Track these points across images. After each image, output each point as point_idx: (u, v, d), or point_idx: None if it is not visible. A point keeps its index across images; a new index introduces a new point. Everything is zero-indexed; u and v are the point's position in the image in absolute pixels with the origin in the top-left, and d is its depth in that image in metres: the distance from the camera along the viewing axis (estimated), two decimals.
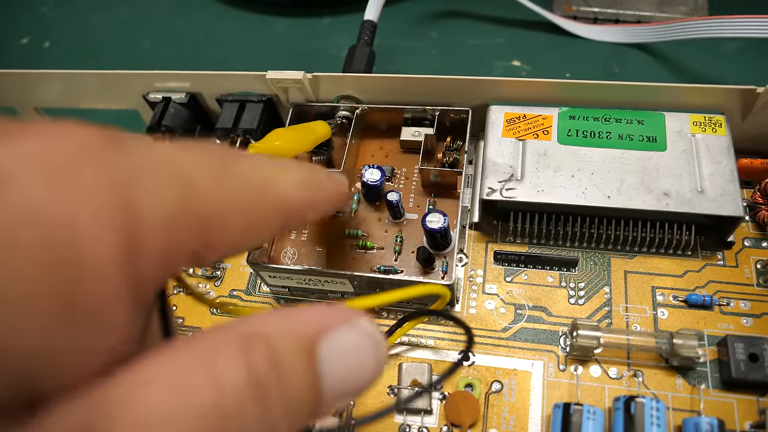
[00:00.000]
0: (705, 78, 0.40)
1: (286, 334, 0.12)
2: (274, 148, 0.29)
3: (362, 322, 0.14)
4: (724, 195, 0.28)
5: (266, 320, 0.13)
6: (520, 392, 0.28)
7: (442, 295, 0.24)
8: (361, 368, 0.14)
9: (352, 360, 0.13)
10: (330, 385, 0.13)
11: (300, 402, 0.12)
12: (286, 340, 0.12)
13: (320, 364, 0.13)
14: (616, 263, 0.30)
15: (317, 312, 0.14)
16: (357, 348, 0.13)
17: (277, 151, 0.29)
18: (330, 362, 0.13)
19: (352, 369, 0.13)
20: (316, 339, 0.13)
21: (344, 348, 0.13)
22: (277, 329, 0.12)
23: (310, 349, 0.13)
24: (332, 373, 0.13)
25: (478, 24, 0.45)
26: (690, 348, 0.26)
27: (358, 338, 0.14)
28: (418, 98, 0.33)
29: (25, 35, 0.53)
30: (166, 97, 0.36)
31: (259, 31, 0.48)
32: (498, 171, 0.30)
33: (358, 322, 0.14)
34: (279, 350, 0.12)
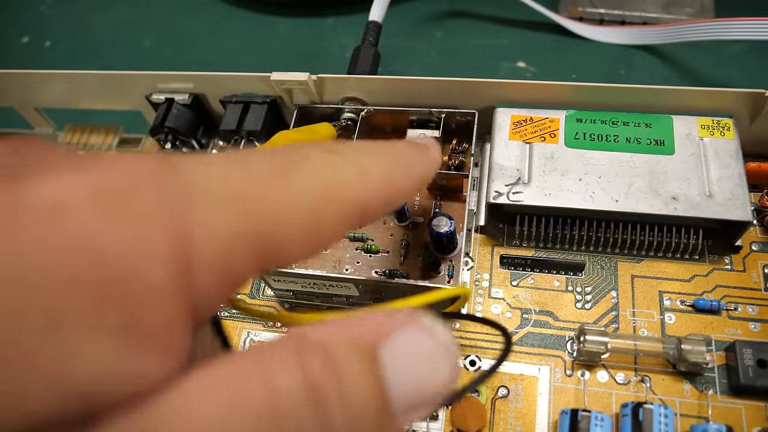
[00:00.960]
0: (711, 80, 0.40)
1: (343, 339, 0.12)
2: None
3: (426, 321, 0.13)
4: (732, 199, 0.28)
5: (321, 328, 0.12)
6: (527, 398, 0.27)
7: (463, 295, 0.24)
8: (433, 372, 0.12)
9: (420, 363, 0.12)
10: (399, 392, 0.12)
11: (365, 409, 0.11)
12: (344, 345, 0.12)
13: (384, 369, 0.12)
14: (623, 267, 0.30)
15: (375, 317, 0.13)
16: (425, 350, 0.12)
17: None
18: (395, 366, 0.12)
19: (422, 373, 0.12)
20: (377, 343, 0.12)
21: (410, 350, 0.12)
22: (334, 335, 0.12)
23: (371, 354, 0.12)
24: (399, 378, 0.12)
25: (483, 24, 0.44)
26: (698, 354, 0.26)
27: (425, 339, 0.12)
28: (423, 100, 0.33)
29: (25, 34, 0.52)
30: (169, 98, 0.36)
31: (263, 31, 0.47)
32: (505, 174, 0.30)
33: (423, 321, 0.13)
34: (336, 355, 0.11)
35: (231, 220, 0.12)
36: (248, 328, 0.31)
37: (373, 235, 0.31)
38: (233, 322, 0.31)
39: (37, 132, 0.42)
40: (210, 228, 0.11)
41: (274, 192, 0.12)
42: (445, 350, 0.12)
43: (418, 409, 0.12)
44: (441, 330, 0.13)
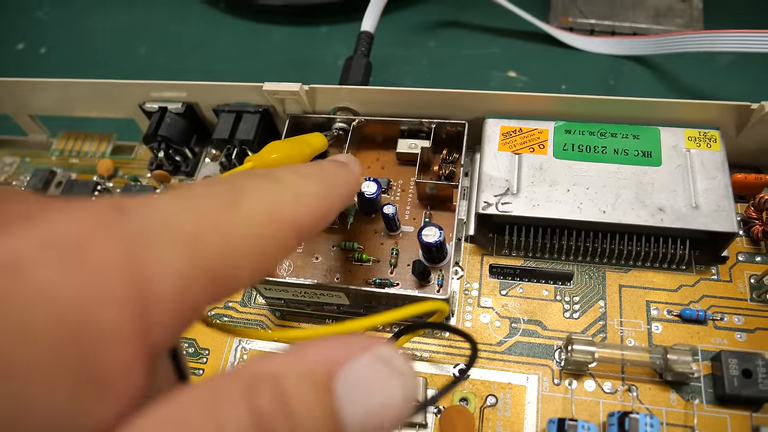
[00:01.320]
0: (699, 91, 0.40)
1: (295, 371, 0.12)
2: (271, 161, 0.29)
3: (382, 350, 0.13)
4: (718, 210, 0.28)
5: (274, 359, 0.12)
6: (515, 406, 0.28)
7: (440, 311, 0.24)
8: (387, 400, 0.12)
9: (375, 392, 0.12)
10: (353, 421, 0.12)
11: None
12: (296, 377, 0.12)
13: (338, 400, 0.12)
14: (611, 277, 0.30)
15: (330, 344, 0.13)
16: (379, 378, 0.12)
17: (274, 164, 0.29)
18: (349, 397, 0.12)
19: (377, 402, 0.12)
20: (332, 373, 0.12)
21: (364, 379, 0.12)
22: (286, 367, 0.12)
23: (325, 385, 0.12)
24: (354, 408, 0.12)
25: (475, 34, 0.45)
26: (684, 364, 0.26)
27: (380, 367, 0.12)
28: (414, 110, 0.33)
29: (20, 41, 0.52)
30: (162, 106, 0.36)
31: (256, 40, 0.48)
32: (494, 185, 0.30)
33: (377, 350, 0.13)
34: (287, 389, 0.11)
35: (184, 257, 0.12)
36: (240, 336, 0.31)
37: (363, 244, 0.31)
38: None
39: (30, 139, 0.43)
40: (165, 266, 0.12)
41: (222, 224, 0.13)
42: (399, 377, 0.12)
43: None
44: (395, 357, 0.13)
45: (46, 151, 0.41)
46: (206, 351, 0.31)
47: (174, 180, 0.37)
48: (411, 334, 0.28)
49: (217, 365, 0.31)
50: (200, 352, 0.31)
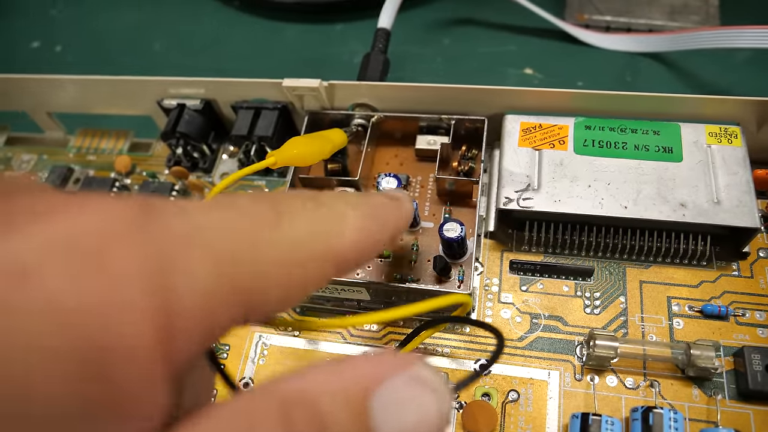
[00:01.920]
0: (716, 87, 0.40)
1: (331, 391, 0.12)
2: (292, 157, 0.29)
3: (417, 369, 0.13)
4: (740, 206, 0.28)
5: (308, 378, 0.12)
6: (537, 401, 0.28)
7: (464, 304, 0.24)
8: (422, 417, 0.12)
9: (409, 411, 0.12)
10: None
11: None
12: (332, 397, 0.11)
13: (373, 419, 0.12)
14: (631, 273, 0.30)
15: (365, 363, 0.12)
16: (414, 398, 0.12)
17: (295, 159, 0.29)
18: (385, 416, 0.12)
19: (411, 420, 0.12)
20: (367, 393, 0.12)
21: (400, 400, 0.12)
22: (321, 387, 0.12)
23: (361, 406, 0.12)
24: (388, 427, 0.12)
25: (490, 32, 0.45)
26: (707, 359, 0.26)
27: (415, 388, 0.12)
28: (433, 107, 0.33)
29: (35, 39, 0.53)
30: (180, 103, 0.36)
31: (271, 37, 0.48)
32: (515, 181, 0.30)
33: (413, 369, 0.13)
34: (324, 411, 0.11)
35: (214, 272, 0.11)
36: (259, 331, 0.31)
37: None
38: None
39: (48, 136, 0.43)
40: (193, 279, 0.11)
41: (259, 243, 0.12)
42: (434, 396, 0.12)
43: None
44: (431, 376, 0.13)
45: (63, 148, 0.42)
46: (226, 346, 0.31)
47: (192, 177, 0.38)
48: (434, 328, 0.28)
49: (238, 361, 0.31)
50: (220, 347, 0.31)
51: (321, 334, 0.31)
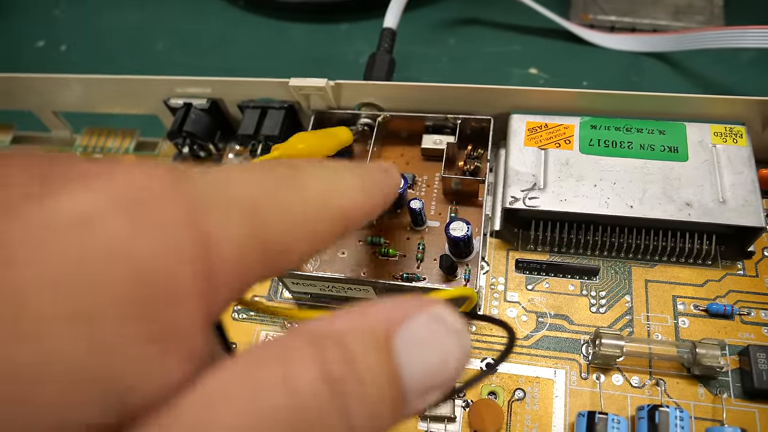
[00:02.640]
0: (721, 87, 0.40)
1: (358, 330, 0.12)
2: (297, 152, 0.29)
3: (437, 309, 0.13)
4: (745, 205, 0.28)
5: (335, 320, 0.12)
6: (543, 400, 0.28)
7: (469, 298, 0.24)
8: (444, 357, 0.13)
9: (432, 350, 0.12)
10: (412, 380, 0.12)
11: (381, 400, 0.12)
12: (359, 336, 0.12)
13: (398, 358, 0.12)
14: (636, 272, 0.31)
15: (388, 305, 0.13)
16: (436, 336, 0.13)
17: (300, 154, 0.29)
18: (408, 355, 0.12)
19: (434, 359, 0.12)
20: (391, 332, 0.12)
21: (422, 338, 0.12)
22: (348, 327, 0.12)
23: (386, 344, 0.12)
24: (412, 366, 0.12)
25: (495, 32, 0.45)
26: (713, 358, 0.27)
27: (436, 326, 0.13)
28: (438, 106, 0.33)
29: (40, 38, 0.53)
30: (187, 102, 0.37)
31: (276, 37, 0.48)
32: (521, 180, 0.30)
33: (434, 309, 0.13)
34: (352, 348, 0.11)
35: (244, 229, 0.12)
36: (266, 329, 0.32)
37: (389, 239, 0.32)
38: (250, 324, 0.32)
39: (54, 135, 0.43)
40: (227, 231, 0.12)
41: (281, 198, 0.13)
42: (455, 335, 0.13)
43: (430, 394, 0.13)
44: (451, 316, 0.13)
45: (69, 147, 0.42)
46: (233, 344, 0.31)
47: None
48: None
49: None
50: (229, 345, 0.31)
51: None
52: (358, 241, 0.32)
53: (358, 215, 0.16)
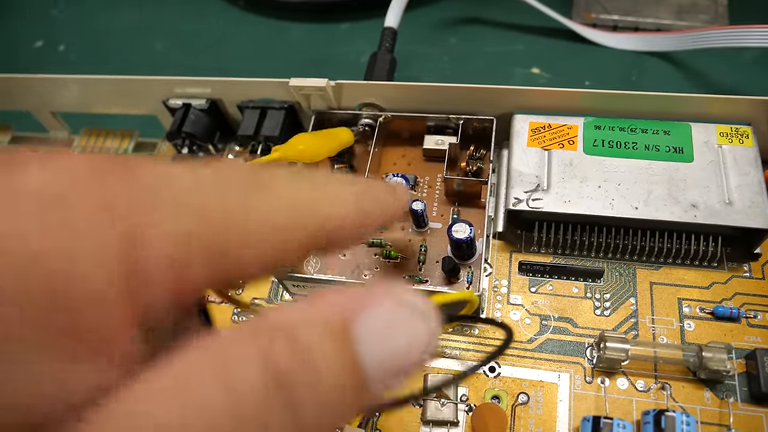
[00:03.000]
0: (724, 87, 0.40)
1: (310, 320, 0.11)
2: (298, 153, 0.29)
3: (401, 293, 0.12)
4: (752, 207, 0.28)
5: (285, 311, 0.12)
6: (547, 404, 0.27)
7: (470, 302, 0.24)
8: (410, 341, 0.12)
9: (396, 334, 0.12)
10: (375, 366, 0.11)
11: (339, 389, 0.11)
12: (312, 326, 0.11)
13: (357, 345, 0.11)
14: (641, 274, 0.30)
15: (346, 294, 0.12)
16: (400, 320, 0.12)
17: (301, 155, 0.29)
18: (372, 342, 0.11)
19: (399, 343, 0.12)
20: (348, 322, 0.11)
21: (387, 322, 0.12)
22: (300, 317, 0.11)
23: (343, 332, 0.11)
24: (375, 352, 0.11)
25: (497, 31, 0.45)
26: (719, 361, 0.26)
27: (402, 309, 0.12)
28: (440, 106, 0.33)
29: (38, 38, 0.52)
30: (186, 103, 0.36)
31: (276, 37, 0.48)
32: (524, 181, 0.30)
33: (397, 293, 0.12)
34: (305, 339, 0.11)
35: (182, 223, 0.11)
36: None
37: (391, 241, 0.31)
38: None
39: (52, 136, 0.42)
40: (162, 229, 0.11)
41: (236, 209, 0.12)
42: (421, 317, 0.12)
43: (396, 377, 0.12)
44: (416, 298, 0.12)
45: (68, 147, 0.41)
46: None
47: None
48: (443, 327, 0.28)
49: None
50: None
51: None
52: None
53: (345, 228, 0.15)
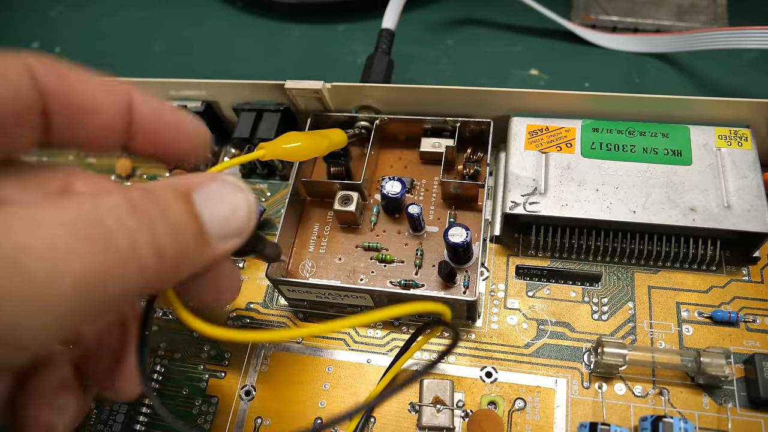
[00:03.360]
0: (724, 89, 0.39)
1: (161, 184, 0.16)
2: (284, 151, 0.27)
3: (225, 176, 0.18)
4: (751, 210, 0.28)
5: (145, 184, 0.16)
6: (544, 410, 0.27)
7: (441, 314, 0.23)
8: (233, 207, 0.17)
9: (225, 199, 0.17)
10: (211, 222, 0.17)
11: (183, 227, 0.16)
12: (165, 189, 0.16)
13: (196, 204, 0.16)
14: (639, 278, 0.30)
15: (192, 175, 0.17)
16: (227, 191, 0.17)
17: (287, 153, 0.28)
18: (205, 203, 0.17)
19: (227, 206, 0.17)
20: (190, 190, 0.17)
21: (215, 194, 0.17)
22: (155, 184, 0.16)
23: (186, 194, 0.16)
24: (209, 211, 0.17)
25: (495, 32, 0.44)
26: (718, 367, 0.26)
27: (226, 186, 0.17)
28: (437, 109, 0.33)
29: (35, 40, 0.52)
30: (181, 105, 0.36)
31: (274, 38, 0.47)
32: (521, 184, 0.30)
33: (223, 177, 0.18)
34: (156, 191, 0.16)
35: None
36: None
37: (387, 245, 0.31)
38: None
39: None
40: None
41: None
42: (241, 192, 0.18)
43: (229, 238, 0.17)
44: (238, 181, 0.18)
45: None
46: (228, 353, 0.31)
47: None
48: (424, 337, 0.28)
49: (240, 366, 0.30)
50: (222, 355, 0.31)
51: (322, 340, 0.30)
52: (355, 247, 0.31)
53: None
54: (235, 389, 0.30)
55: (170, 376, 0.31)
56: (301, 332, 0.18)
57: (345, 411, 0.17)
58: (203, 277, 0.19)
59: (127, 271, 0.14)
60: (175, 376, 0.31)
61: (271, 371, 0.30)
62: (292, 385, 0.29)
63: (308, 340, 0.31)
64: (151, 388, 0.18)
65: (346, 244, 0.31)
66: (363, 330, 0.30)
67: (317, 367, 0.30)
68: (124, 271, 0.14)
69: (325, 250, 0.31)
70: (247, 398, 0.29)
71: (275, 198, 0.36)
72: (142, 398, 0.29)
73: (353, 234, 0.32)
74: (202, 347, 0.31)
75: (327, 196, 0.33)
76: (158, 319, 0.32)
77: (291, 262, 0.31)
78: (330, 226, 0.32)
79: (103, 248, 0.14)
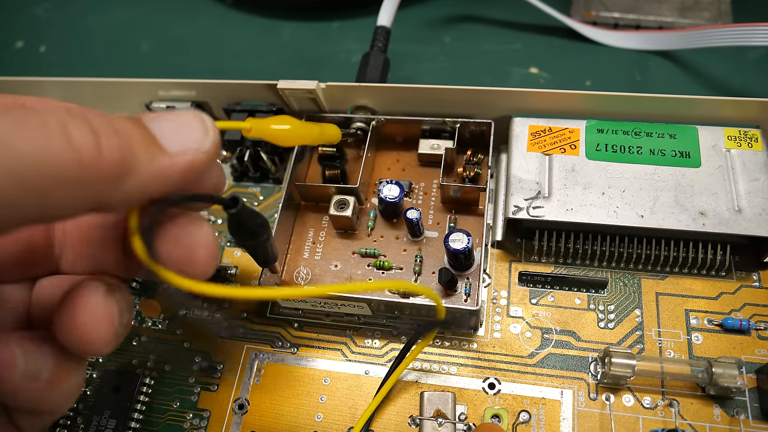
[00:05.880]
0: (729, 87, 0.39)
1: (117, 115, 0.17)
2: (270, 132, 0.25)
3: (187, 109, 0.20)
4: (762, 214, 0.27)
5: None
6: (550, 423, 0.26)
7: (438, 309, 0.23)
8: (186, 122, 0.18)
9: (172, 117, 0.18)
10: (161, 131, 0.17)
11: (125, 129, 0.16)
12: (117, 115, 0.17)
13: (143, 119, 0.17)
14: (646, 284, 0.29)
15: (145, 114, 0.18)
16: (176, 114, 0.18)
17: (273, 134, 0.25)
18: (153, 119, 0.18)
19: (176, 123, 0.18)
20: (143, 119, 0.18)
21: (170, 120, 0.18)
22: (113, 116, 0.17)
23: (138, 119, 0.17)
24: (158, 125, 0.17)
25: (494, 29, 0.43)
26: (730, 378, 0.25)
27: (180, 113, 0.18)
28: (435, 109, 0.31)
29: (19, 39, 0.51)
30: (170, 106, 0.35)
31: (266, 36, 0.46)
32: (524, 188, 0.29)
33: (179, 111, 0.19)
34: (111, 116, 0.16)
35: None
36: (254, 348, 0.30)
37: (385, 251, 0.30)
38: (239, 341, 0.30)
39: None
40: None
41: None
42: (195, 115, 0.18)
43: (188, 150, 0.18)
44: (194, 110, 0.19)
45: None
46: (221, 365, 0.30)
47: None
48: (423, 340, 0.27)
49: (233, 379, 0.29)
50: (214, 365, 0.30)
51: (319, 351, 0.29)
52: (352, 253, 0.30)
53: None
54: (228, 402, 0.29)
55: (160, 389, 0.29)
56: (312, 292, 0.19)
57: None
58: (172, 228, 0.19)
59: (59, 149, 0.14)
60: (165, 389, 0.29)
61: (266, 383, 0.29)
62: (287, 398, 0.28)
63: (303, 351, 0.29)
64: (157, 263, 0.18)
65: (343, 250, 0.30)
66: (360, 340, 0.29)
67: (313, 379, 0.29)
68: (57, 149, 0.14)
69: (321, 256, 0.30)
70: (241, 412, 0.28)
71: (268, 202, 0.35)
72: (129, 415, 0.28)
73: (350, 240, 0.31)
74: (193, 358, 0.30)
75: (322, 200, 0.31)
76: (147, 330, 0.31)
77: (285, 269, 0.30)
78: (325, 232, 0.31)
79: (37, 133, 0.14)
